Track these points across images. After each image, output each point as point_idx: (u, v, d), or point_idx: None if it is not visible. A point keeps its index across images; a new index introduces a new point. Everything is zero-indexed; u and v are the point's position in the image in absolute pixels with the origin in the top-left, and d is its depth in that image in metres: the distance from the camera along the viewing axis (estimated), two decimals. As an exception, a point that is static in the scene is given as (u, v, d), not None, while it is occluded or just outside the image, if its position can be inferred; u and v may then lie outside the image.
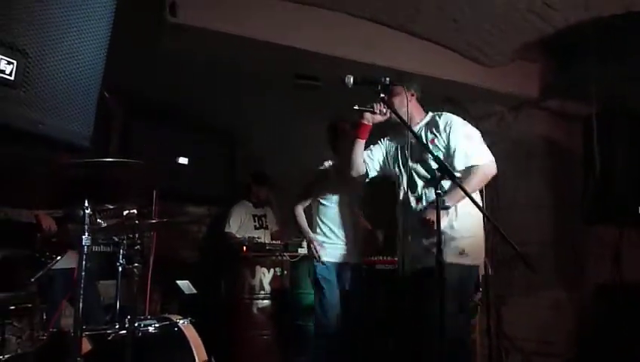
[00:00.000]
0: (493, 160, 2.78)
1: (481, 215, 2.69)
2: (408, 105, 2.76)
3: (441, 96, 4.42)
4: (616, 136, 4.02)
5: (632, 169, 3.96)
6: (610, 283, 3.91)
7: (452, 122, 2.75)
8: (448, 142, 2.72)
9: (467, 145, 2.70)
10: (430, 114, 2.90)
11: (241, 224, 4.94)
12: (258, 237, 4.81)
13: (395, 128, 2.94)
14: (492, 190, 4.67)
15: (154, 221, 2.88)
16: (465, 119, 2.85)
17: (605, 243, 4.12)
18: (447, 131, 2.73)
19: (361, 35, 3.67)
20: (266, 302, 4.36)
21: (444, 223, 2.53)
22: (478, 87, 4.12)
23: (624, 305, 3.79)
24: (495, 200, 4.74)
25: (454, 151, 2.70)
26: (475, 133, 2.78)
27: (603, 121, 3.94)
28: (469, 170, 2.70)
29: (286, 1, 3.42)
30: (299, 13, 3.49)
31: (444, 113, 2.85)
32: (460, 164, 2.70)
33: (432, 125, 2.81)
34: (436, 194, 2.31)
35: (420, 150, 2.74)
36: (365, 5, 3.54)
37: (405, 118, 2.68)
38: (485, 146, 2.78)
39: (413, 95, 2.85)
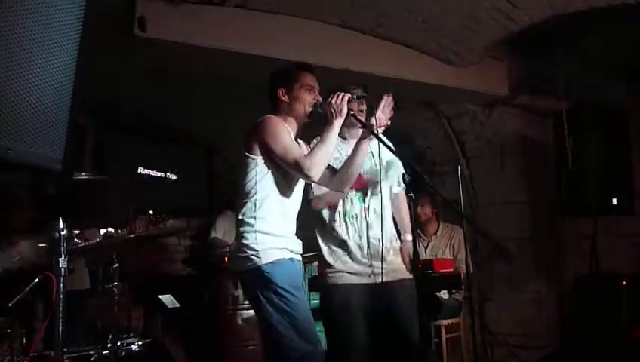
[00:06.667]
0: None
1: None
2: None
3: (414, 99, 4.47)
4: (587, 129, 4.12)
5: (603, 160, 4.06)
6: (588, 274, 3.98)
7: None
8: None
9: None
10: None
11: (225, 232, 4.93)
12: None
13: None
14: (469, 188, 4.76)
15: (131, 236, 2.85)
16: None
17: (582, 235, 4.20)
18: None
19: (333, 41, 3.68)
20: (251, 312, 4.31)
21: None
22: (449, 88, 4.16)
23: (602, 294, 3.86)
24: (472, 198, 4.81)
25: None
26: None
27: (573, 115, 4.03)
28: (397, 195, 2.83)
29: (258, 11, 3.42)
30: (271, 22, 3.49)
31: None
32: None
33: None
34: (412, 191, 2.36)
35: None
36: (336, 12, 3.56)
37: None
38: None
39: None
